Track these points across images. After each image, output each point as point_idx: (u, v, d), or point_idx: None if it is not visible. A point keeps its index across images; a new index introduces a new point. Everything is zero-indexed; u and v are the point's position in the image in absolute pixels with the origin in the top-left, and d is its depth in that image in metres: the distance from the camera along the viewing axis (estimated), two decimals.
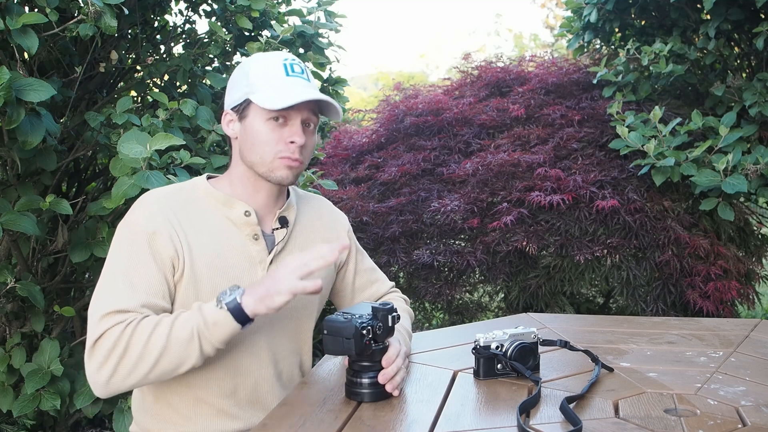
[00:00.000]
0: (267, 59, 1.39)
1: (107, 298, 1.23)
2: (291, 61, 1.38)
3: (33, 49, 1.78)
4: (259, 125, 1.34)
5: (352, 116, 4.68)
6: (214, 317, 1.19)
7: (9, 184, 2.10)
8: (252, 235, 1.37)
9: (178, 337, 1.19)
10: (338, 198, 3.30)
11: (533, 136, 3.28)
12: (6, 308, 2.24)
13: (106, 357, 1.18)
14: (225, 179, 1.43)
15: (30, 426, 2.53)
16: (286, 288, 1.17)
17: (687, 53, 3.28)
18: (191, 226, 1.32)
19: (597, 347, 1.52)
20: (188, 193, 1.38)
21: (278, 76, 1.35)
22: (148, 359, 1.18)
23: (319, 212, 1.55)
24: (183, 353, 1.20)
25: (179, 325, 1.20)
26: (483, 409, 1.21)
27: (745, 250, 3.31)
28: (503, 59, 4.24)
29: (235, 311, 1.19)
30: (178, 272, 1.29)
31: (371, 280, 1.60)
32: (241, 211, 1.37)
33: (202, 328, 1.19)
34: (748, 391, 1.25)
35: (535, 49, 10.55)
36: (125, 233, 1.30)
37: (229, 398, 1.35)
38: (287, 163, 1.34)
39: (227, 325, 1.19)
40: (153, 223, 1.28)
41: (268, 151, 1.34)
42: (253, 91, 1.34)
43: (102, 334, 1.19)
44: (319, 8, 2.90)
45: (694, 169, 2.82)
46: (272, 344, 1.40)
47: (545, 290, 2.95)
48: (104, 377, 1.19)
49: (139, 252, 1.27)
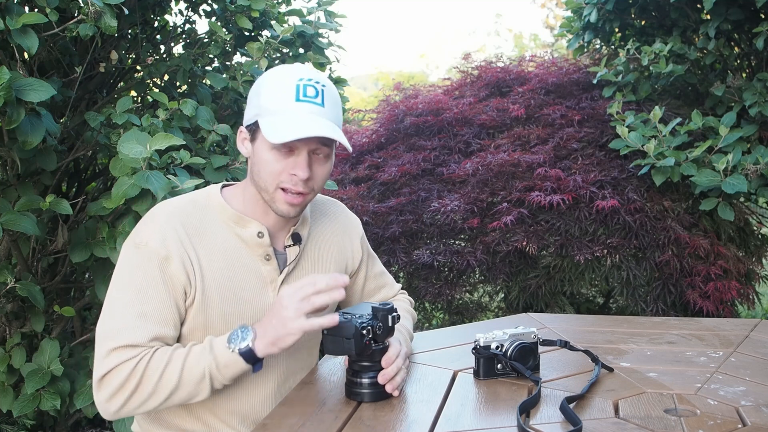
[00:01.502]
0: (280, 78, 1.29)
1: (117, 328, 1.21)
2: (306, 83, 1.26)
3: (33, 49, 1.78)
4: (265, 152, 1.27)
5: (352, 116, 4.68)
6: (225, 359, 1.19)
7: (9, 184, 2.10)
8: (264, 256, 1.34)
9: (190, 376, 1.19)
10: (338, 198, 3.29)
11: (533, 136, 3.28)
12: (6, 308, 2.24)
13: (116, 390, 1.18)
14: (239, 193, 1.38)
15: (30, 426, 2.53)
16: (296, 329, 1.16)
17: (687, 53, 3.28)
18: (202, 246, 1.29)
19: (597, 347, 1.52)
20: (201, 208, 1.33)
21: (287, 101, 1.25)
22: (159, 396, 1.19)
23: (333, 220, 1.51)
24: (194, 390, 1.20)
25: (191, 363, 1.19)
26: (483, 409, 1.21)
27: (745, 250, 3.31)
28: (503, 59, 4.24)
29: (247, 355, 1.18)
30: (189, 298, 1.27)
31: (380, 285, 1.60)
32: (254, 232, 1.33)
33: (213, 369, 1.19)
34: (748, 391, 1.25)
35: (535, 49, 10.55)
36: (137, 255, 1.25)
37: (233, 414, 1.35)
38: (288, 199, 1.28)
39: (238, 366, 1.20)
40: (165, 247, 1.25)
41: (271, 181, 1.28)
42: (261, 113, 1.27)
43: (111, 370, 1.18)
44: (319, 8, 2.90)
45: (694, 169, 2.82)
46: (285, 362, 1.39)
47: (545, 290, 2.95)
48: (114, 408, 1.20)
49: (151, 278, 1.23)
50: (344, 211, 1.56)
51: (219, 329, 1.29)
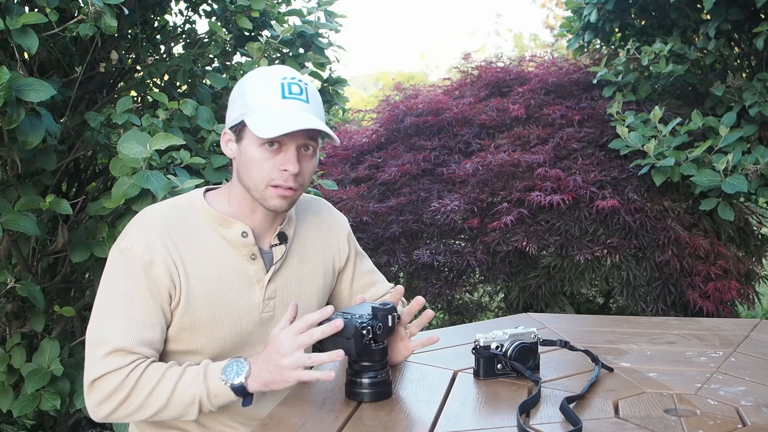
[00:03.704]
0: (264, 78, 1.32)
1: (106, 332, 1.23)
2: (290, 81, 1.30)
3: (33, 49, 1.78)
4: (253, 150, 1.29)
5: (352, 116, 4.68)
6: (217, 390, 1.20)
7: (9, 184, 2.10)
8: (249, 255, 1.35)
9: (180, 399, 1.20)
10: (338, 198, 3.30)
11: (533, 136, 3.28)
12: (6, 308, 2.24)
13: (106, 397, 1.20)
14: (224, 195, 1.39)
15: (30, 426, 2.53)
16: (292, 379, 1.18)
17: (687, 53, 3.28)
18: (187, 249, 1.30)
19: (597, 347, 1.51)
20: (184, 212, 1.34)
21: (273, 99, 1.28)
22: (147, 411, 1.20)
23: (319, 219, 1.52)
24: (182, 411, 1.21)
25: (183, 387, 1.20)
26: (483, 409, 1.21)
27: (745, 250, 3.31)
28: (503, 59, 4.24)
29: (239, 391, 1.20)
30: (174, 301, 1.28)
31: (370, 282, 1.59)
32: (239, 232, 1.34)
33: (204, 398, 1.20)
34: (748, 391, 1.25)
35: (535, 49, 10.54)
36: (122, 261, 1.27)
37: (226, 412, 1.36)
38: (279, 193, 1.30)
39: (228, 398, 1.21)
40: (149, 252, 1.26)
41: (261, 178, 1.29)
42: (248, 113, 1.29)
43: (103, 375, 1.20)
44: (319, 8, 2.90)
45: (694, 169, 2.82)
46: None
47: (545, 290, 2.95)
48: (103, 414, 1.21)
49: (135, 283, 1.25)
50: (330, 209, 1.58)
51: (207, 330, 1.31)
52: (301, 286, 1.44)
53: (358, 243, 1.63)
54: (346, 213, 3.15)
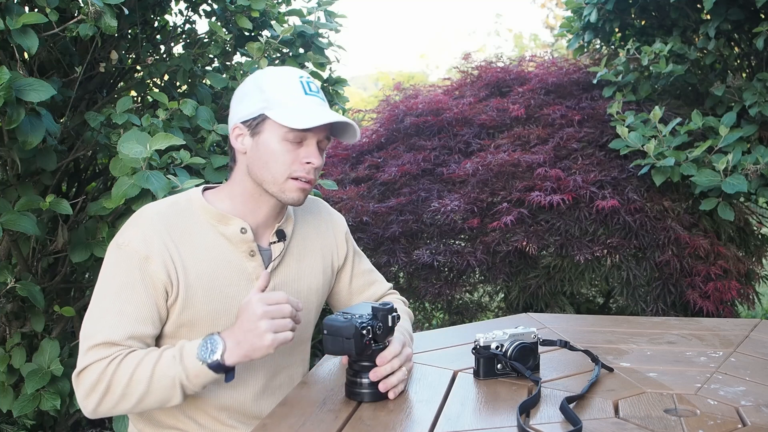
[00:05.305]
0: (283, 75, 1.35)
1: (96, 326, 1.22)
2: (308, 80, 1.35)
3: (33, 49, 1.78)
4: (275, 143, 1.30)
5: (352, 116, 4.68)
6: (195, 371, 1.18)
7: (9, 184, 2.10)
8: (248, 252, 1.35)
9: (160, 383, 1.18)
10: (338, 198, 3.30)
11: (533, 136, 3.28)
12: (6, 308, 2.24)
13: (90, 389, 1.19)
14: (224, 193, 1.39)
15: (30, 426, 2.53)
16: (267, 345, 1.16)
17: (687, 53, 3.28)
18: (186, 246, 1.30)
19: (597, 347, 1.52)
20: (183, 209, 1.34)
21: (297, 94, 1.32)
22: (130, 399, 1.19)
23: (317, 218, 1.53)
24: (165, 395, 1.20)
25: (161, 370, 1.18)
26: (483, 409, 1.21)
27: (745, 250, 3.31)
28: (503, 59, 4.24)
29: (217, 368, 1.18)
30: (171, 297, 1.28)
31: (368, 282, 1.60)
32: (237, 229, 1.34)
33: (183, 379, 1.18)
34: (748, 391, 1.25)
35: (535, 49, 10.55)
36: (118, 256, 1.27)
37: (224, 410, 1.36)
38: (300, 186, 1.32)
39: (209, 377, 1.19)
40: (146, 247, 1.26)
41: (282, 171, 1.30)
42: (270, 106, 1.30)
43: (86, 367, 1.19)
44: (319, 8, 2.90)
45: (694, 169, 2.82)
46: (271, 358, 1.38)
47: (545, 290, 2.95)
48: (91, 406, 1.20)
49: (130, 277, 1.25)
50: (327, 208, 1.59)
51: (206, 326, 1.31)
52: (300, 284, 1.44)
53: (358, 243, 1.64)
54: (346, 213, 3.15)
